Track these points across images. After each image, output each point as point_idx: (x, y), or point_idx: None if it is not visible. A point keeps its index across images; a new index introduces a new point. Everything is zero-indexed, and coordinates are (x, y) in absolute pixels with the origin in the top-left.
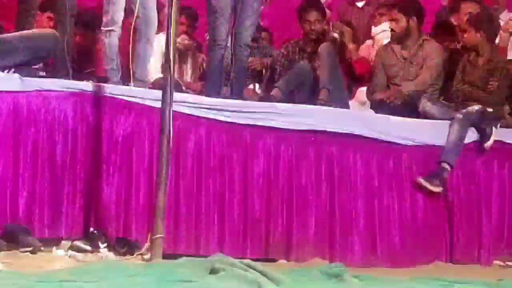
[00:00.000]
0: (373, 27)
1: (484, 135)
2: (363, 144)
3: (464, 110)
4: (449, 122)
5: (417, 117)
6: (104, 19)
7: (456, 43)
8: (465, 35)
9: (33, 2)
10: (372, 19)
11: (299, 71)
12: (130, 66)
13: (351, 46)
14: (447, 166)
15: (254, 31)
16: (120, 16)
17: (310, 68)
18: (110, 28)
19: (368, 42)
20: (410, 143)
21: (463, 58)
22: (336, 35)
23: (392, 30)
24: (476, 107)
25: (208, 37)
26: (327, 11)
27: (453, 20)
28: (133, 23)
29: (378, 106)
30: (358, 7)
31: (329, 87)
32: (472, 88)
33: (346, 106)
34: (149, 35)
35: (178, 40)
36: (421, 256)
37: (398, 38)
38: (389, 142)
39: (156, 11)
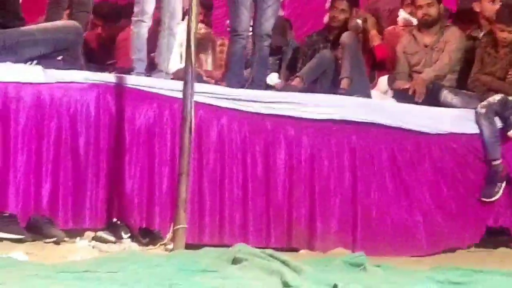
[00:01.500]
0: (400, 11)
1: (507, 123)
2: (385, 133)
3: (486, 102)
4: (471, 110)
5: (438, 105)
6: (135, 9)
7: (477, 30)
8: (499, 34)
9: None
10: (401, 5)
11: (321, 60)
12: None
13: (373, 32)
14: (497, 162)
15: (275, 21)
16: (151, 7)
17: (332, 57)
18: (140, 18)
19: (391, 27)
20: (432, 131)
21: (481, 47)
22: (359, 21)
23: (425, 15)
24: (497, 96)
25: (229, 27)
26: None
27: (475, 7)
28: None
29: (400, 95)
30: None
31: (351, 76)
32: (492, 78)
33: (368, 96)
34: (172, 26)
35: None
36: (447, 242)
37: (431, 24)
38: (411, 130)
39: (181, 2)
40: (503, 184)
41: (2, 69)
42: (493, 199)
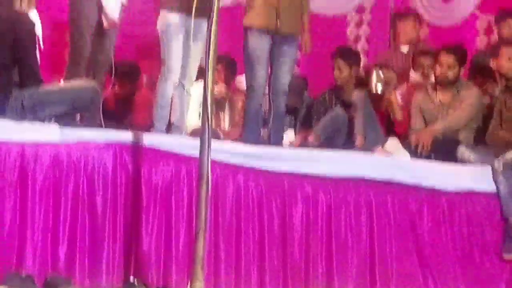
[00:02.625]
0: (411, 72)
1: None
2: (402, 190)
3: (503, 158)
4: (489, 166)
5: (455, 162)
6: (162, 67)
7: (494, 87)
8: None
9: (84, 54)
10: (413, 64)
11: (334, 118)
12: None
13: (396, 104)
14: None
15: (290, 78)
16: (177, 65)
17: (345, 114)
18: (166, 75)
19: (403, 87)
20: (450, 188)
21: (499, 102)
22: (380, 86)
23: (444, 76)
24: None
25: (245, 84)
26: (363, 58)
27: (492, 64)
28: None
29: (414, 152)
30: (403, 53)
31: (365, 134)
32: (510, 133)
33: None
34: (186, 85)
35: (215, 88)
36: None
37: (447, 84)
38: (428, 187)
39: (197, 61)
40: None
41: (20, 129)
42: None
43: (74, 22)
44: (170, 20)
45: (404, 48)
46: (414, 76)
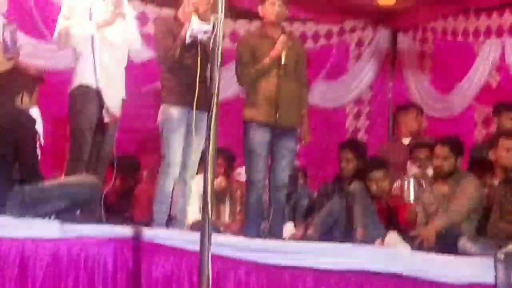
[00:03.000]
0: (409, 164)
1: None
2: (403, 282)
3: (505, 250)
4: (490, 258)
5: (457, 253)
6: (162, 161)
7: (493, 178)
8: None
9: (85, 149)
10: (410, 157)
11: (331, 209)
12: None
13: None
14: None
15: (290, 171)
16: (177, 159)
17: (343, 205)
18: (166, 171)
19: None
20: (450, 281)
21: (499, 194)
22: (412, 196)
23: (439, 167)
24: None
25: (245, 178)
26: None
27: (491, 156)
28: None
29: (415, 244)
30: (403, 144)
31: (365, 225)
32: (511, 225)
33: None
34: (187, 178)
35: (216, 182)
36: None
37: (445, 176)
38: (429, 280)
39: (198, 155)
40: None
41: (20, 225)
42: None
43: (74, 118)
44: (170, 114)
45: (406, 140)
46: (411, 168)
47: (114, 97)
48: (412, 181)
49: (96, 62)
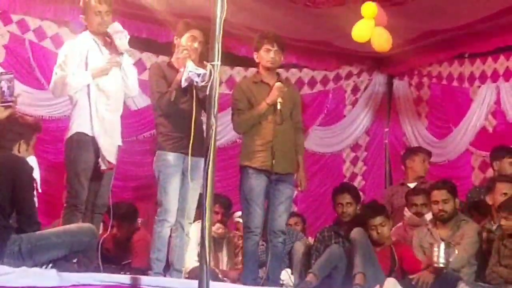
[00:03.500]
0: (405, 210)
1: None
2: None
3: None
4: None
5: None
6: (158, 209)
7: (491, 222)
8: (504, 222)
9: (81, 197)
10: (407, 204)
11: (330, 255)
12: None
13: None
14: None
15: (288, 217)
16: (174, 206)
17: (342, 251)
18: (163, 217)
19: (399, 225)
20: None
21: (497, 239)
22: (442, 260)
23: (442, 211)
24: None
25: (242, 224)
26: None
27: (488, 199)
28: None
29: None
30: (408, 188)
31: (364, 271)
32: (509, 270)
33: None
34: (184, 225)
35: (213, 229)
36: None
37: (447, 219)
38: None
39: (195, 202)
40: None
41: (17, 274)
42: None
43: (70, 166)
44: (167, 160)
45: (411, 185)
46: (407, 214)
47: (110, 145)
48: (443, 245)
49: (92, 111)
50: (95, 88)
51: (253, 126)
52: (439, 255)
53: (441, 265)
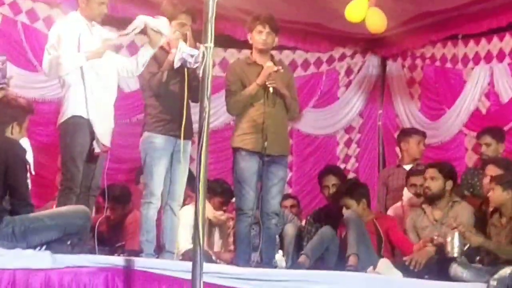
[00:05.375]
0: (405, 190)
1: None
2: None
3: (497, 276)
4: (481, 284)
5: (449, 280)
6: (144, 192)
7: (483, 205)
8: (490, 193)
9: (77, 180)
10: (406, 184)
11: (322, 237)
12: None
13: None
14: None
15: (281, 199)
16: (159, 189)
17: (333, 233)
18: (148, 200)
19: (397, 204)
20: None
21: (488, 222)
22: (457, 250)
23: (427, 188)
24: (508, 270)
25: (235, 206)
26: (352, 175)
27: (483, 181)
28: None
29: (407, 269)
30: (404, 170)
31: (358, 252)
32: (499, 247)
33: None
34: (174, 207)
35: (216, 214)
36: None
37: (432, 197)
38: None
39: (183, 185)
40: None
41: (11, 256)
42: None
43: (66, 150)
44: (155, 143)
45: (407, 166)
46: (407, 195)
47: (104, 128)
48: (457, 235)
49: (87, 93)
50: (89, 71)
51: (245, 107)
52: (453, 245)
53: (455, 255)
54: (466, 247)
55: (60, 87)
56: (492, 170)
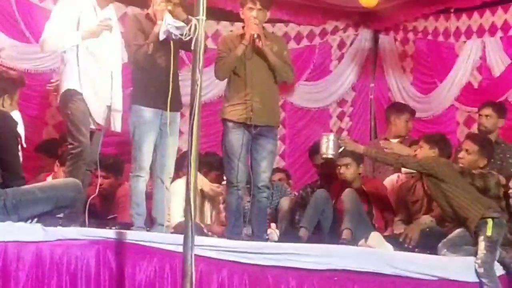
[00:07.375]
0: None
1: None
2: (386, 281)
3: (479, 260)
4: (471, 258)
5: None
6: (133, 165)
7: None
8: (418, 151)
9: (85, 146)
10: None
11: (316, 200)
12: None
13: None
14: None
15: (271, 172)
16: (148, 162)
17: (327, 194)
18: (137, 174)
19: (393, 176)
20: (433, 278)
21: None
22: (331, 151)
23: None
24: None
25: (225, 180)
26: None
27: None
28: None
29: (397, 242)
30: (390, 142)
31: (352, 228)
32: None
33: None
34: (164, 180)
35: (212, 187)
36: None
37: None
38: (412, 278)
39: (173, 158)
40: None
41: (2, 229)
42: None
43: (69, 119)
44: (142, 116)
45: (394, 141)
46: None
47: (99, 106)
48: (332, 136)
49: (80, 71)
50: (83, 50)
51: (230, 70)
52: (328, 147)
53: (330, 156)
54: (341, 149)
55: (55, 58)
56: (467, 145)
